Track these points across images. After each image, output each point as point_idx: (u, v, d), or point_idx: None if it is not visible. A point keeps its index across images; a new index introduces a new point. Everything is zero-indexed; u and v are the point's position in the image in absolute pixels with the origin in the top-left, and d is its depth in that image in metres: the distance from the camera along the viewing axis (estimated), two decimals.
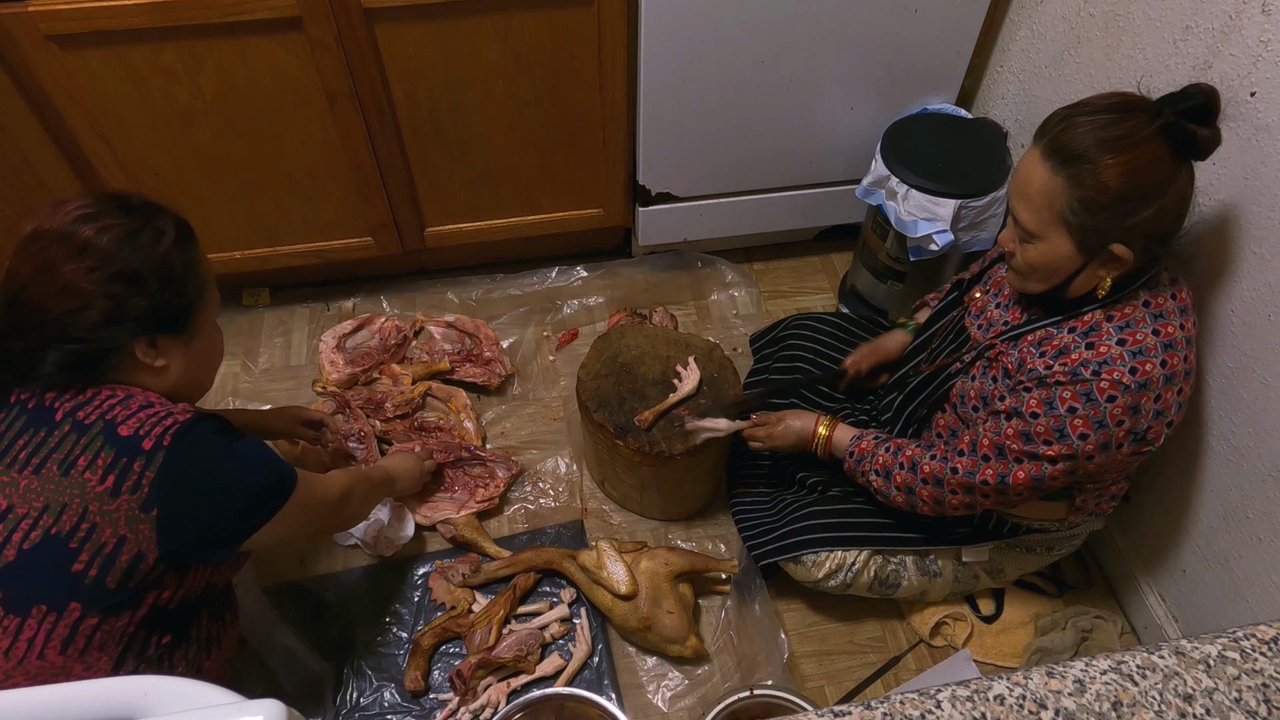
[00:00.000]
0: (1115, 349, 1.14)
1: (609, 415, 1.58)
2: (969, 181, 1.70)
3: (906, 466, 1.36)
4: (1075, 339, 1.18)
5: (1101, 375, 1.13)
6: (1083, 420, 1.15)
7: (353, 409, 1.87)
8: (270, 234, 1.92)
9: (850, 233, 2.25)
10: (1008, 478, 1.24)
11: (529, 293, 2.14)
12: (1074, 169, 1.08)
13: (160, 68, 1.55)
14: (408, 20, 1.57)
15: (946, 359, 1.42)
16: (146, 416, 1.08)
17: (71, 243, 1.07)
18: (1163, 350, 1.14)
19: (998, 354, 1.29)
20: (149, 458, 1.06)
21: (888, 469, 1.38)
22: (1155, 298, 1.17)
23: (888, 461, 1.38)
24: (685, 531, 1.77)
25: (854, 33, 1.73)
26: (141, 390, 1.13)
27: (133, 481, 1.05)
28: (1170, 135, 1.07)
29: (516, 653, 1.55)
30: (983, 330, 1.37)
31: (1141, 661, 0.69)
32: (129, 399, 1.10)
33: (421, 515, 1.73)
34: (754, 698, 1.38)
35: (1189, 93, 1.06)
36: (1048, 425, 1.18)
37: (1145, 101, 1.10)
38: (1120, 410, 1.14)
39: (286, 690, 1.52)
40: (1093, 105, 1.10)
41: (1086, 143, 1.07)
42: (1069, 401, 1.15)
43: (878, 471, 1.39)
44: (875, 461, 1.40)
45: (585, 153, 1.89)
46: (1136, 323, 1.16)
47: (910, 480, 1.35)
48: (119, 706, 0.65)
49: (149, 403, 1.10)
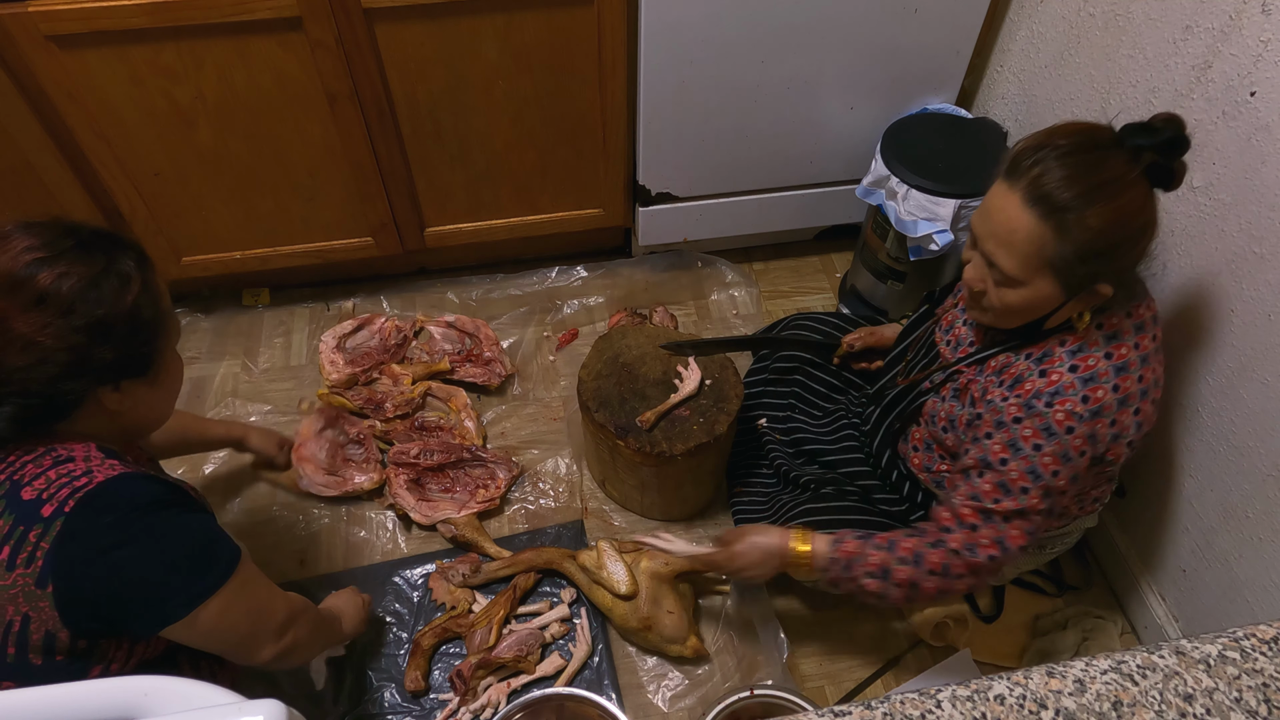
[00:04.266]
0: (1067, 376, 1.13)
1: (610, 415, 1.58)
2: (969, 181, 1.70)
3: (910, 560, 1.23)
4: (1030, 365, 1.17)
5: (1055, 406, 1.13)
6: (1050, 457, 1.14)
7: (346, 418, 1.87)
8: (270, 234, 1.92)
9: (850, 233, 2.25)
10: (1004, 540, 1.18)
11: (529, 293, 2.14)
12: (1062, 218, 1.05)
13: (160, 68, 1.55)
14: (408, 20, 1.57)
15: (919, 374, 1.42)
16: (56, 476, 0.96)
17: (25, 292, 0.94)
18: (1115, 374, 1.13)
19: (966, 381, 1.28)
20: (46, 526, 0.94)
21: (885, 568, 1.24)
22: (1109, 318, 1.15)
23: (885, 560, 1.24)
24: (685, 532, 1.77)
25: (854, 33, 1.73)
26: (72, 443, 1.01)
27: (27, 553, 0.94)
28: (1150, 174, 1.05)
29: (516, 653, 1.55)
30: (951, 348, 1.36)
31: (1142, 661, 0.69)
32: (46, 454, 0.99)
33: (422, 515, 1.73)
34: (754, 698, 1.39)
35: (1156, 127, 1.04)
36: (1020, 469, 1.15)
37: (1109, 133, 1.07)
38: (1080, 440, 1.13)
39: (286, 690, 1.52)
40: (1064, 145, 1.06)
41: (1074, 191, 1.04)
42: (1032, 439, 1.14)
43: (872, 574, 1.25)
44: (867, 563, 1.25)
45: (585, 153, 1.89)
46: (1090, 345, 1.14)
47: (915, 575, 1.22)
48: (120, 706, 0.65)
49: (69, 458, 0.99)
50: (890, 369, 1.53)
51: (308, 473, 1.76)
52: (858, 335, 1.67)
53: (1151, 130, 1.05)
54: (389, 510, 1.78)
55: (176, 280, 1.98)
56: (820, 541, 1.29)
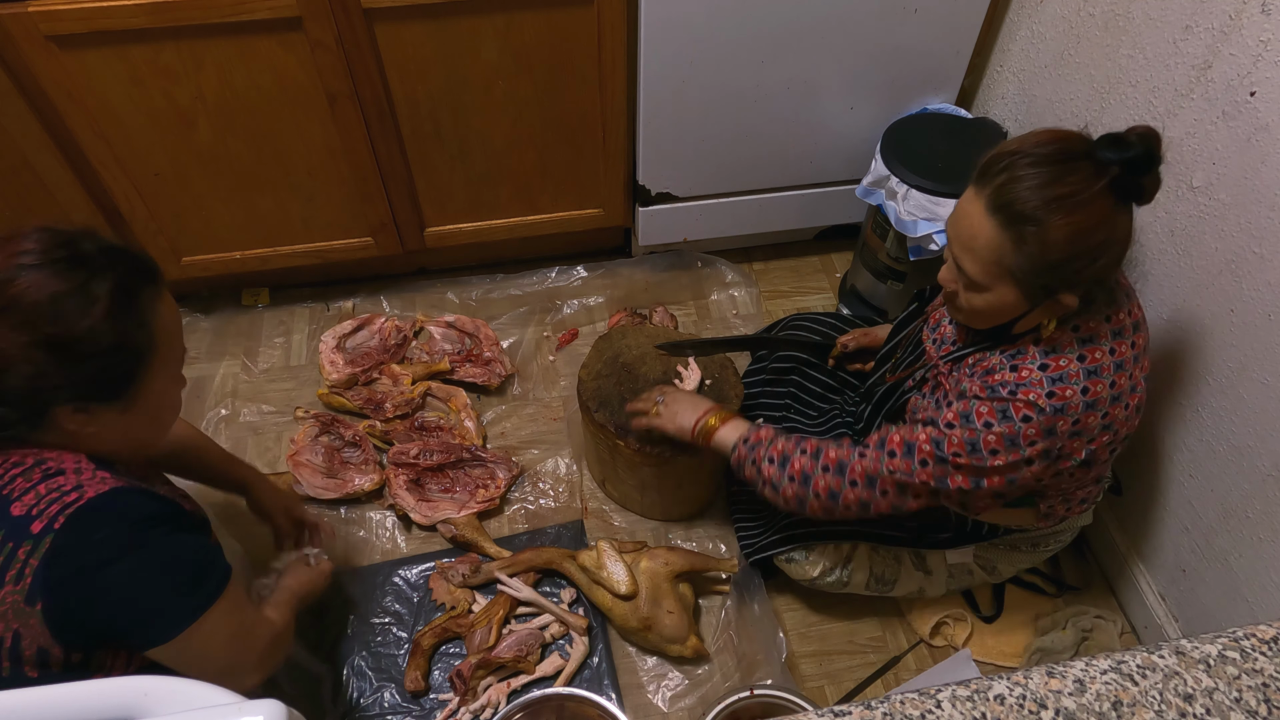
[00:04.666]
0: (1036, 374, 1.13)
1: (610, 415, 1.58)
2: (969, 181, 1.69)
3: (809, 453, 1.29)
4: (1003, 360, 1.17)
5: (1017, 395, 1.13)
6: (995, 436, 1.14)
7: (342, 420, 1.87)
8: (270, 234, 1.92)
9: (850, 233, 2.25)
10: (910, 477, 1.21)
11: (529, 293, 2.14)
12: (1021, 228, 1.05)
13: (160, 68, 1.55)
14: (408, 20, 1.57)
15: (905, 371, 1.42)
16: (46, 491, 0.95)
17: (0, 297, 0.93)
18: (1085, 377, 1.13)
19: (939, 375, 1.29)
20: (35, 543, 0.93)
21: (786, 455, 1.30)
22: (1086, 322, 1.15)
23: (787, 448, 1.30)
24: (685, 531, 1.77)
25: (854, 33, 1.73)
26: (63, 454, 1.00)
27: (15, 570, 0.93)
28: (1116, 188, 1.04)
29: (516, 653, 1.55)
30: (936, 345, 1.36)
31: (1141, 661, 0.69)
32: (36, 467, 0.97)
33: (422, 515, 1.73)
34: (754, 698, 1.39)
35: (1129, 141, 1.02)
36: (961, 437, 1.16)
37: (1084, 143, 1.06)
38: (1034, 431, 1.13)
39: (286, 691, 1.52)
40: (1033, 155, 1.05)
41: (1033, 202, 1.04)
42: (985, 416, 1.15)
43: (772, 459, 1.31)
44: (774, 448, 1.31)
45: (585, 153, 1.89)
46: (1063, 347, 1.14)
47: (809, 466, 1.28)
48: (119, 706, 0.65)
49: (59, 471, 0.97)
50: (880, 366, 1.54)
51: (305, 478, 1.76)
52: (851, 336, 1.68)
53: (1122, 144, 1.03)
54: (389, 510, 1.78)
55: (176, 280, 1.98)
56: (734, 426, 1.38)
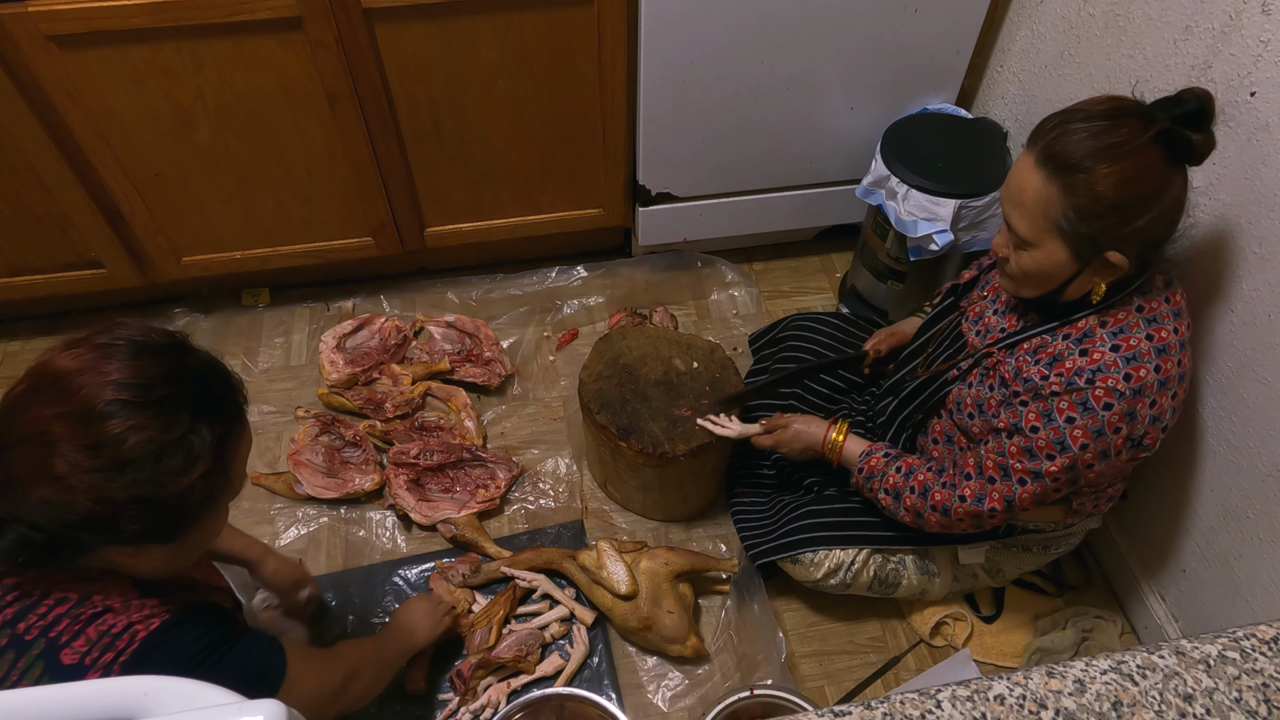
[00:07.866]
0: (1109, 355, 1.14)
1: (611, 417, 1.58)
2: (969, 181, 1.70)
3: (917, 491, 1.35)
4: (1070, 345, 1.18)
5: (1096, 383, 1.13)
6: (1081, 430, 1.15)
7: (342, 421, 1.87)
8: (270, 234, 1.92)
9: (850, 233, 2.25)
10: (1013, 500, 1.25)
11: (529, 293, 2.14)
12: (1068, 177, 1.07)
13: (160, 68, 1.55)
14: (408, 20, 1.57)
15: (943, 365, 1.42)
16: (98, 636, 0.89)
17: (90, 430, 0.85)
18: (1156, 355, 1.14)
19: (995, 362, 1.29)
20: None
21: (898, 490, 1.37)
22: (1149, 302, 1.17)
23: (899, 484, 1.37)
24: (685, 531, 1.77)
25: (854, 32, 1.73)
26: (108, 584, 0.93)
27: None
28: (1165, 142, 1.06)
29: (516, 653, 1.55)
30: (980, 336, 1.37)
31: (1141, 661, 0.69)
32: (82, 603, 0.91)
33: (422, 515, 1.73)
34: (754, 698, 1.39)
35: (1183, 98, 1.05)
36: (1048, 438, 1.17)
37: (1139, 106, 1.09)
38: (1117, 417, 1.14)
39: None
40: (1086, 111, 1.09)
41: (1081, 151, 1.06)
42: (1066, 412, 1.15)
43: (888, 491, 1.39)
44: (886, 481, 1.39)
45: (585, 153, 1.89)
46: (1130, 328, 1.15)
47: (920, 505, 1.35)
48: (119, 706, 0.65)
49: (107, 608, 0.91)
50: (909, 361, 1.53)
51: (305, 477, 1.76)
52: (880, 338, 1.67)
53: (1177, 101, 1.06)
54: (389, 510, 1.78)
55: (176, 280, 1.98)
56: (853, 442, 1.45)
